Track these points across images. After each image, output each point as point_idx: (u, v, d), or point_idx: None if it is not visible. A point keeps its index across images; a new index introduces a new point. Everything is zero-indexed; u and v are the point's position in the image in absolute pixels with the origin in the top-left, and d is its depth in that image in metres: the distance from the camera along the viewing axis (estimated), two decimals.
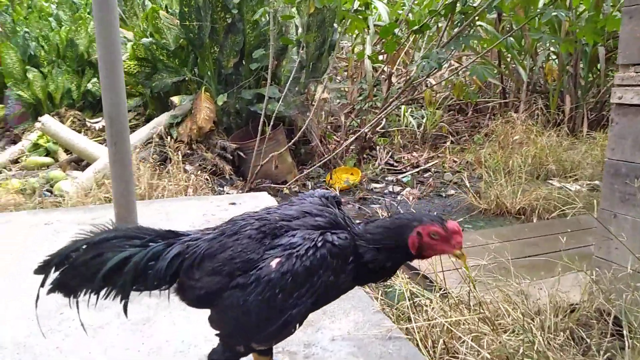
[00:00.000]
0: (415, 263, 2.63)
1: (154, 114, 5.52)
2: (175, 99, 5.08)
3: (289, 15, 5.08)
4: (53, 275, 1.16)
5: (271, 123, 4.78)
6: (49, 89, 5.54)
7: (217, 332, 1.19)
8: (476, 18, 4.90)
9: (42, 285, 1.16)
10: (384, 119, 6.39)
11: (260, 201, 3.35)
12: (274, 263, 1.08)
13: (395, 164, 6.21)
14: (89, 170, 4.42)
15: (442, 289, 2.11)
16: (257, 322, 1.11)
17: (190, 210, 3.20)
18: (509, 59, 7.27)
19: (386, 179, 5.67)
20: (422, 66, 4.73)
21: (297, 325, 1.12)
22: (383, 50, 6.32)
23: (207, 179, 4.55)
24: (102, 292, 1.18)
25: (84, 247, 1.17)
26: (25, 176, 4.71)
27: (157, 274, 1.15)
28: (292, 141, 4.94)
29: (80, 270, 1.16)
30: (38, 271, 1.16)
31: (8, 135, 5.65)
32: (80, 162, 4.99)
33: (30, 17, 5.92)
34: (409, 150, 6.68)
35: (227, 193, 4.63)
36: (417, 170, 5.90)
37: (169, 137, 4.71)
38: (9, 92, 5.68)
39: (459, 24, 5.03)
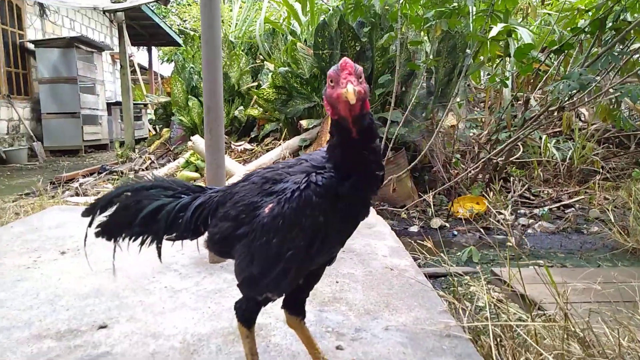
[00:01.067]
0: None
1: (287, 138, 5.96)
2: (303, 122, 5.42)
3: (417, 41, 5.11)
4: (98, 217, 1.32)
5: (390, 146, 4.79)
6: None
7: (237, 283, 1.24)
8: (631, 33, 4.32)
9: (90, 225, 1.32)
10: (520, 149, 5.91)
11: None
12: (267, 209, 1.11)
13: (532, 197, 5.66)
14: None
15: (534, 304, 1.84)
16: (259, 270, 1.13)
17: None
18: None
19: (518, 211, 5.19)
20: (559, 88, 4.29)
21: (298, 273, 1.11)
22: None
23: None
24: (140, 239, 1.30)
25: (126, 193, 1.32)
26: None
27: (186, 224, 1.26)
28: (411, 165, 4.85)
29: (121, 215, 1.30)
30: (85, 213, 1.32)
31: (169, 154, 6.60)
32: None
33: (196, 55, 6.94)
34: (551, 185, 6.04)
35: None
36: (557, 205, 5.30)
37: (288, 156, 5.02)
38: (174, 118, 6.68)
39: (609, 41, 4.49)
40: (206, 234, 1.27)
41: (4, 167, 8.19)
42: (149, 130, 11.63)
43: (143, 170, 6.21)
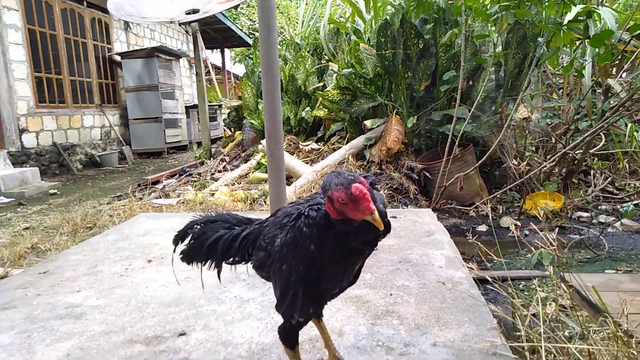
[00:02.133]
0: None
1: (352, 137, 6.05)
2: (367, 122, 5.48)
3: (484, 34, 4.96)
4: (180, 245, 1.55)
5: (457, 143, 4.72)
6: None
7: None
8: None
9: (174, 251, 1.56)
10: (602, 139, 5.54)
11: (419, 217, 3.38)
12: (278, 240, 1.30)
13: (616, 191, 5.31)
14: (292, 186, 5.14)
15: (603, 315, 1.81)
16: (280, 294, 1.31)
17: None
18: None
19: (599, 207, 4.91)
20: None
21: (309, 298, 1.24)
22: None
23: (390, 196, 4.76)
24: (207, 263, 1.52)
25: (196, 225, 1.54)
26: (249, 189, 5.75)
27: (236, 252, 1.46)
28: (480, 162, 4.75)
29: (193, 244, 1.53)
30: (173, 241, 1.57)
31: (241, 156, 6.96)
32: (290, 178, 5.82)
33: None
34: (639, 177, 5.62)
35: None
36: None
37: (350, 158, 5.11)
38: (245, 121, 7.01)
39: None
40: None
41: (99, 170, 9.08)
42: (224, 130, 12.24)
43: (219, 172, 6.61)
